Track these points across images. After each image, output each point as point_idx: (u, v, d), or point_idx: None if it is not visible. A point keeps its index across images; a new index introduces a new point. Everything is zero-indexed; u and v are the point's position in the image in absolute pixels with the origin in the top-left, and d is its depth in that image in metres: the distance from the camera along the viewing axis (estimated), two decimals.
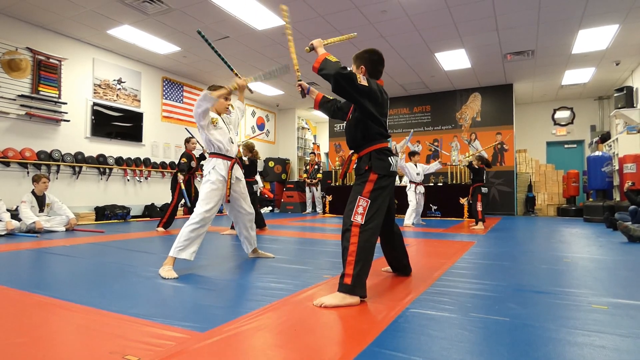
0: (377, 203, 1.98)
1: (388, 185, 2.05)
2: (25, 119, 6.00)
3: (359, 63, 2.19)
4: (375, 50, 2.20)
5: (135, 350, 1.30)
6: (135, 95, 7.78)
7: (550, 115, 10.78)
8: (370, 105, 2.02)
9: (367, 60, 2.16)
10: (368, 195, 1.98)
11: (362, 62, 2.17)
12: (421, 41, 6.78)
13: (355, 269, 1.86)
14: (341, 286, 1.87)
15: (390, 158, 2.07)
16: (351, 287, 1.86)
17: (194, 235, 2.62)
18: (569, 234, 5.20)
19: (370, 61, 2.16)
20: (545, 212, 9.70)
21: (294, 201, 10.68)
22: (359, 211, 1.95)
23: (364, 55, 2.18)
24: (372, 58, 2.17)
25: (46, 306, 1.82)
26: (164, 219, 5.35)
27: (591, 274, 2.62)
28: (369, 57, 2.17)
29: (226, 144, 2.85)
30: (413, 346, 1.36)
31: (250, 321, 1.60)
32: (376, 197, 1.99)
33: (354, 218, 1.95)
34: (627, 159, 6.76)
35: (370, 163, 2.04)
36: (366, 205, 1.96)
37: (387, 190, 2.04)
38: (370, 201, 1.97)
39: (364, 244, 1.90)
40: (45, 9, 5.68)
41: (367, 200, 1.97)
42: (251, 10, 5.69)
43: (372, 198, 1.97)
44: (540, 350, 1.33)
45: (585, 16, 5.77)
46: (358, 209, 1.96)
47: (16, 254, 3.42)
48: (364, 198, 1.98)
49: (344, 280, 1.87)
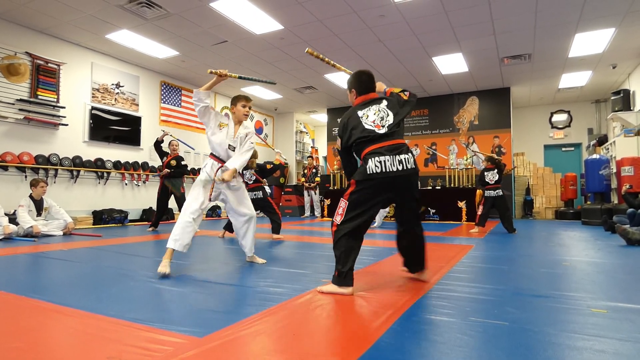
0: (354, 204, 2.14)
1: (369, 188, 2.13)
2: (23, 123, 5.99)
3: (350, 87, 2.42)
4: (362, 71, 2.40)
5: (132, 355, 1.29)
6: (133, 100, 7.79)
7: (548, 119, 10.83)
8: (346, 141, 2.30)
9: (355, 83, 2.38)
10: (347, 197, 2.18)
11: (352, 86, 2.40)
12: (419, 45, 6.81)
13: (338, 263, 2.12)
14: (333, 278, 2.16)
15: (372, 160, 2.12)
16: (337, 278, 2.13)
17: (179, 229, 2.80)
18: (567, 237, 5.20)
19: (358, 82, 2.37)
20: (543, 215, 9.71)
21: (292, 205, 10.67)
22: (339, 212, 2.18)
23: (350, 79, 2.42)
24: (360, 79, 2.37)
25: (43, 310, 1.81)
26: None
27: (590, 277, 2.62)
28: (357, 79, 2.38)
29: (221, 150, 2.95)
30: (412, 350, 1.36)
31: (248, 326, 1.59)
32: (354, 200, 2.14)
33: (334, 217, 2.20)
34: (624, 161, 6.78)
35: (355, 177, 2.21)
36: (344, 207, 2.16)
37: (367, 193, 2.13)
38: (348, 203, 2.15)
39: (339, 240, 2.13)
40: (44, 14, 5.69)
41: (345, 202, 2.17)
42: (249, 15, 5.71)
43: (349, 200, 2.16)
44: (539, 354, 1.32)
45: (582, 20, 5.81)
46: (338, 209, 2.19)
47: (13, 258, 3.40)
48: (343, 200, 2.19)
49: (335, 272, 2.14)
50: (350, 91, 2.42)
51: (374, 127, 2.20)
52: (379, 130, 2.19)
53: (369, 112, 2.26)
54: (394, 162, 2.10)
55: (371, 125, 2.21)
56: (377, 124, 2.21)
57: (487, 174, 5.84)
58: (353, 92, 2.40)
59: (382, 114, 2.24)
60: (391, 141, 2.17)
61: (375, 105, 2.28)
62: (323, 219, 9.09)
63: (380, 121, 2.22)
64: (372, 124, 2.21)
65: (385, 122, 2.22)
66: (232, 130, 2.98)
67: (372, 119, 2.23)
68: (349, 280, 2.11)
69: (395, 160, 2.11)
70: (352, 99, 2.41)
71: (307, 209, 10.31)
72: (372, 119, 2.23)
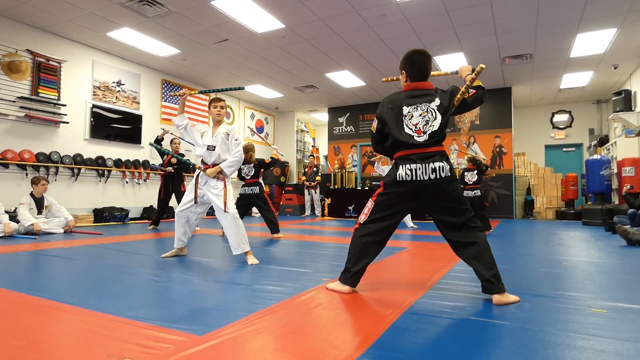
0: (380, 207, 2.10)
1: (397, 194, 2.04)
2: (24, 120, 5.99)
3: (400, 68, 2.17)
4: (418, 50, 2.11)
5: (132, 353, 1.29)
6: (134, 98, 7.79)
7: (549, 119, 10.81)
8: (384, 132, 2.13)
9: (408, 63, 2.11)
10: (374, 198, 2.13)
11: (401, 67, 2.15)
12: (420, 44, 6.80)
13: (349, 261, 2.11)
14: (341, 274, 2.16)
15: (402, 167, 1.99)
16: (343, 276, 2.13)
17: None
18: (568, 237, 5.20)
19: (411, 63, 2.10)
20: (544, 215, 9.71)
21: (293, 204, 10.67)
22: (364, 211, 2.15)
23: (402, 59, 2.13)
24: (414, 59, 2.10)
25: (44, 308, 1.81)
26: None
27: (590, 277, 2.62)
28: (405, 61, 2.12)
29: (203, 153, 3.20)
30: (412, 350, 1.36)
31: (249, 324, 1.60)
32: (381, 202, 2.10)
33: (360, 216, 2.17)
34: (625, 162, 6.77)
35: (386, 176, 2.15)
36: (370, 207, 2.13)
37: (394, 198, 2.06)
38: (374, 204, 2.11)
39: (356, 239, 2.13)
40: (45, 12, 5.69)
41: (372, 202, 2.13)
42: (251, 14, 5.70)
43: (376, 201, 2.11)
44: (539, 354, 1.32)
45: (583, 20, 5.80)
46: (365, 209, 2.16)
47: (14, 255, 3.41)
48: (371, 200, 2.15)
49: (343, 269, 2.14)
50: (401, 72, 2.16)
51: (414, 132, 2.01)
52: (418, 138, 2.00)
53: (415, 111, 2.03)
54: (426, 170, 1.95)
55: (412, 130, 2.01)
56: (418, 129, 2.01)
57: (467, 174, 5.94)
58: (403, 74, 2.14)
59: (429, 117, 2.01)
60: (427, 149, 1.99)
61: (425, 105, 2.03)
62: (324, 218, 9.10)
63: (423, 126, 2.01)
64: (413, 128, 2.01)
65: (429, 127, 2.00)
66: (211, 132, 3.23)
67: (416, 122, 2.01)
68: (353, 281, 2.11)
69: (428, 169, 1.95)
70: (403, 82, 2.16)
71: (308, 208, 10.31)
72: (415, 122, 2.01)
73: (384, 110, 2.09)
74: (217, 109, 3.21)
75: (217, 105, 3.22)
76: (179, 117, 3.26)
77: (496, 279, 1.94)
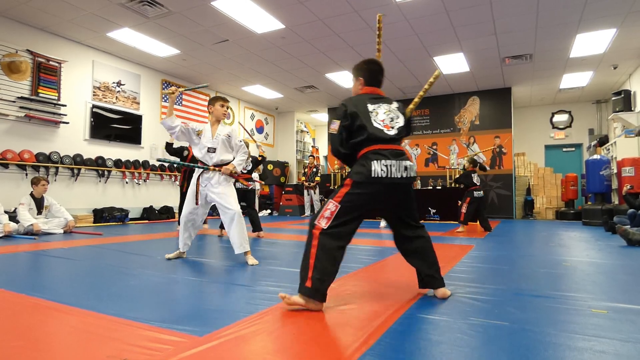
0: (348, 208, 1.87)
1: (369, 193, 1.90)
2: (24, 120, 5.99)
3: (356, 74, 2.19)
4: (374, 60, 2.18)
5: (132, 354, 1.29)
6: (134, 98, 7.78)
7: (549, 119, 10.82)
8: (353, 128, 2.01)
9: (365, 71, 2.16)
10: (339, 200, 1.89)
11: (359, 74, 2.17)
12: (420, 45, 6.81)
13: (316, 273, 1.80)
14: (302, 288, 1.82)
15: (377, 163, 1.89)
16: (312, 291, 1.80)
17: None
18: (568, 237, 5.20)
19: (368, 71, 2.15)
20: (543, 215, 9.71)
21: (293, 204, 10.67)
22: (326, 215, 1.88)
23: (358, 65, 2.19)
24: (370, 68, 2.16)
25: (43, 309, 1.81)
26: None
27: (590, 278, 2.62)
28: (367, 67, 2.16)
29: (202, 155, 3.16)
30: (412, 351, 1.36)
31: (248, 325, 1.59)
32: (349, 202, 1.88)
33: (318, 221, 1.88)
34: (625, 162, 6.77)
35: (350, 171, 1.98)
36: (334, 210, 1.87)
37: (365, 198, 1.90)
38: (340, 206, 1.87)
39: (323, 248, 1.83)
40: (45, 12, 5.69)
41: (336, 205, 1.88)
42: (251, 14, 5.70)
43: (343, 202, 1.88)
44: (539, 355, 1.32)
45: (583, 20, 5.80)
46: (325, 212, 1.89)
47: (14, 256, 3.40)
48: (334, 202, 1.89)
49: (305, 283, 1.81)
50: (356, 79, 2.18)
51: (383, 127, 1.99)
52: (388, 132, 1.99)
53: (379, 109, 2.04)
54: (400, 169, 1.92)
55: (380, 125, 1.99)
56: (386, 124, 2.01)
57: (474, 176, 5.96)
58: (360, 80, 2.16)
59: (393, 115, 2.05)
60: (396, 146, 1.99)
61: (386, 105, 2.07)
62: None
63: (390, 122, 2.02)
64: (381, 124, 2.00)
65: (396, 123, 2.03)
66: (210, 133, 3.16)
67: (382, 118, 2.01)
68: (323, 296, 1.82)
69: (402, 167, 1.92)
70: (357, 88, 2.18)
71: (307, 208, 10.31)
72: (381, 118, 2.01)
73: (350, 106, 2.01)
74: (224, 107, 3.20)
75: (225, 104, 3.20)
76: (170, 119, 3.09)
77: (438, 274, 2.08)
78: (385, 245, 4.29)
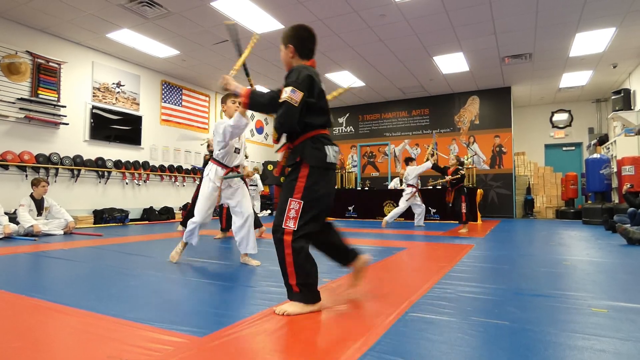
0: (313, 201, 1.74)
1: (324, 180, 1.77)
2: (24, 122, 5.99)
3: (287, 42, 1.92)
4: (304, 26, 1.92)
5: (133, 355, 1.29)
6: (134, 99, 7.79)
7: (549, 118, 10.82)
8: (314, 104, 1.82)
9: (295, 38, 1.90)
10: (300, 197, 1.73)
11: (290, 41, 1.90)
12: (419, 45, 6.81)
13: (300, 278, 1.73)
14: (293, 295, 1.76)
15: (327, 147, 1.77)
16: (304, 295, 1.74)
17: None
18: (568, 236, 5.20)
19: (298, 39, 1.90)
20: (544, 214, 9.71)
21: None
22: (291, 215, 1.72)
23: (290, 33, 1.91)
24: (300, 35, 1.90)
25: (43, 310, 1.81)
26: None
27: (590, 277, 2.62)
28: (297, 35, 1.90)
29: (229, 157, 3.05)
30: (413, 350, 1.36)
31: (249, 326, 1.59)
32: (310, 197, 1.73)
33: (285, 224, 1.72)
34: (625, 161, 6.77)
35: (303, 153, 1.77)
36: (298, 208, 1.72)
37: (323, 187, 1.76)
38: (303, 203, 1.72)
39: (299, 253, 1.71)
40: (45, 13, 5.69)
41: (299, 202, 1.72)
42: (250, 14, 5.70)
43: (304, 199, 1.73)
44: (540, 354, 1.32)
45: (582, 19, 5.80)
46: (290, 212, 1.73)
47: (14, 257, 3.40)
48: (295, 200, 1.73)
49: (293, 289, 1.75)
50: (286, 46, 1.91)
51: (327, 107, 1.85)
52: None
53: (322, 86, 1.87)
54: (337, 155, 1.84)
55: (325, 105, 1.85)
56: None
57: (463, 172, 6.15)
58: (290, 48, 1.89)
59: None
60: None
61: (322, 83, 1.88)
62: None
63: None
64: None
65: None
66: None
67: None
68: (316, 296, 1.78)
69: (337, 154, 1.85)
70: (288, 57, 1.92)
71: None
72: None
73: (317, 82, 1.83)
74: (235, 104, 2.97)
75: (236, 100, 2.95)
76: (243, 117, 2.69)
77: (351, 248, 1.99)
78: (385, 245, 4.29)
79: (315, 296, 1.78)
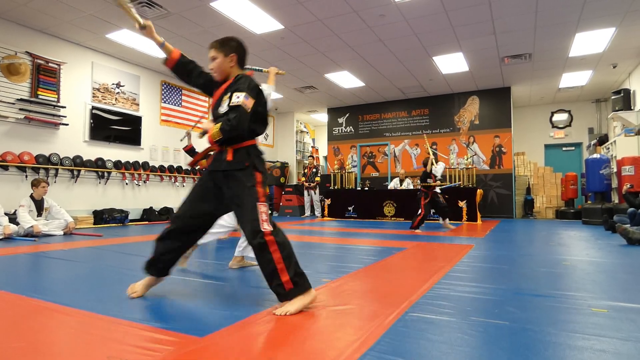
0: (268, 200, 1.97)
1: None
2: (24, 122, 5.99)
3: (229, 51, 2.01)
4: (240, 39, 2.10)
5: (132, 355, 1.29)
6: (134, 99, 7.79)
7: (548, 118, 10.82)
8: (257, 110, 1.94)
9: (239, 48, 2.05)
10: (264, 200, 1.89)
11: (234, 50, 2.02)
12: (419, 45, 6.81)
13: (291, 270, 1.78)
14: (289, 293, 1.77)
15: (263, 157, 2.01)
16: (300, 286, 1.79)
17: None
18: (568, 236, 5.20)
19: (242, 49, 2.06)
20: (543, 214, 9.71)
21: (293, 205, 10.67)
22: (264, 218, 1.81)
23: (233, 43, 2.04)
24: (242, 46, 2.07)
25: (43, 310, 1.81)
26: None
27: (590, 277, 2.62)
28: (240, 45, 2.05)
29: None
30: (412, 350, 1.36)
31: (249, 326, 1.60)
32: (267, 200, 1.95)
33: (262, 227, 1.79)
34: (625, 161, 6.77)
35: (251, 160, 1.91)
36: (266, 210, 1.86)
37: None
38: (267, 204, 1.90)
39: (283, 245, 1.80)
40: (44, 13, 5.69)
41: (265, 205, 1.87)
42: (250, 15, 5.71)
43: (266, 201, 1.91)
44: (540, 354, 1.32)
45: (582, 19, 5.80)
46: (262, 215, 1.81)
47: (14, 257, 3.40)
48: (263, 204, 1.86)
49: (287, 287, 1.77)
50: (227, 55, 2.01)
51: None
52: None
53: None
54: None
55: None
56: None
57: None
58: (233, 57, 2.01)
59: None
60: None
61: None
62: (323, 219, 9.10)
63: None
64: None
65: None
66: None
67: None
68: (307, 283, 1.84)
69: None
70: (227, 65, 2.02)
71: (307, 209, 10.31)
72: None
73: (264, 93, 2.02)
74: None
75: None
76: None
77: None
78: (385, 245, 4.29)
79: (308, 282, 1.83)
